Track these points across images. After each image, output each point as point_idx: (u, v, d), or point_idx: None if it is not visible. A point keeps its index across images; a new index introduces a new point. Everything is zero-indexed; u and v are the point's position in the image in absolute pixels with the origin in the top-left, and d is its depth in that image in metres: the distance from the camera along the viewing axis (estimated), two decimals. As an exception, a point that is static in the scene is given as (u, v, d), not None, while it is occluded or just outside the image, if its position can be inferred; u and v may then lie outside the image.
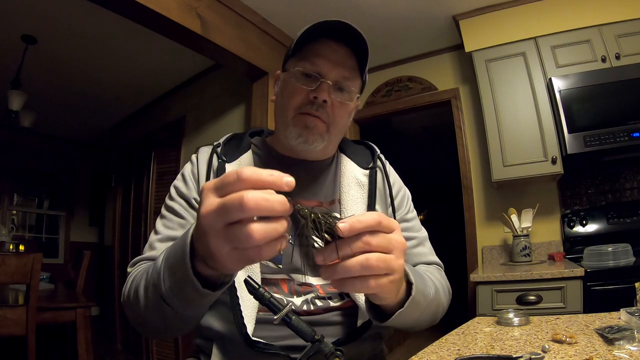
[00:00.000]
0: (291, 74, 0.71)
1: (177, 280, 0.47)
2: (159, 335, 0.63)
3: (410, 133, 4.69)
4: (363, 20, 2.43)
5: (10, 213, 4.66)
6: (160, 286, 0.50)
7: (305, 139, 0.70)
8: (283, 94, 0.73)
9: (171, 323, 0.56)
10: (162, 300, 0.50)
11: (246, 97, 2.70)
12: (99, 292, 4.42)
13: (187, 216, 0.72)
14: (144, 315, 0.57)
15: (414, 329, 0.66)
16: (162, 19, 1.86)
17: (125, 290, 0.63)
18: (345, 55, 0.70)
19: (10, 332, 1.73)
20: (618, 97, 1.89)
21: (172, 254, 0.49)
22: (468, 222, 2.56)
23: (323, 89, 0.68)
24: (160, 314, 0.53)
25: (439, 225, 4.83)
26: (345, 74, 0.70)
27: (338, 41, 0.70)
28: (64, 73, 3.18)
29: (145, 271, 0.58)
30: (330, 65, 0.69)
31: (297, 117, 0.70)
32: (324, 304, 0.69)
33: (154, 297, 0.52)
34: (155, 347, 3.10)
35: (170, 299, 0.49)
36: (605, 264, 1.68)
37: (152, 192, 3.38)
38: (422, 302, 0.57)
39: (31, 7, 2.32)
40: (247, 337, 0.62)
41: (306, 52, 0.70)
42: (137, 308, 0.58)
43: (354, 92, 0.72)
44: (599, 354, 0.51)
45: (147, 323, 0.59)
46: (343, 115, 0.72)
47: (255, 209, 0.33)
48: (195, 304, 0.49)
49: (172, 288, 0.48)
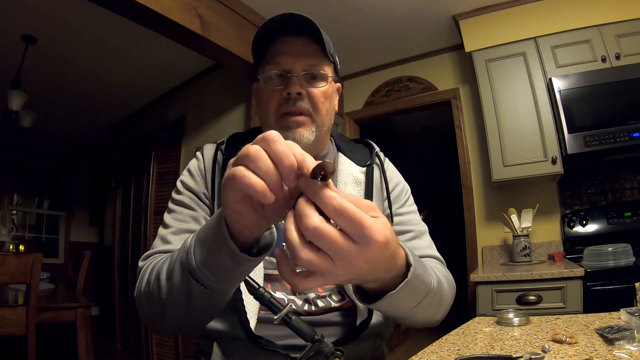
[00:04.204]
0: (263, 80, 0.72)
1: (210, 249, 0.47)
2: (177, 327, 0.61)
3: (410, 133, 4.69)
4: (363, 20, 2.43)
5: (10, 213, 4.66)
6: (189, 261, 0.49)
7: (293, 138, 0.70)
8: (261, 102, 0.75)
9: (196, 304, 0.53)
10: (190, 276, 0.49)
11: (246, 97, 2.70)
12: (99, 292, 4.42)
13: (197, 208, 0.72)
14: (165, 302, 0.55)
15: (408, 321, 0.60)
16: (162, 19, 1.86)
17: (142, 283, 0.62)
18: (306, 44, 0.71)
19: (10, 332, 1.73)
20: (618, 97, 1.89)
21: (204, 227, 0.49)
22: (468, 222, 2.56)
23: (293, 83, 0.69)
24: (186, 295, 0.52)
25: (439, 226, 4.83)
26: (311, 62, 0.71)
27: (293, 34, 0.71)
28: (64, 73, 3.18)
29: (168, 257, 0.57)
30: (293, 59, 0.70)
31: (280, 120, 0.71)
32: (325, 303, 0.69)
33: (181, 277, 0.51)
34: (155, 347, 3.10)
35: (201, 273, 0.48)
36: (605, 264, 1.68)
37: (152, 192, 3.38)
38: (421, 289, 0.52)
39: (31, 7, 2.31)
40: (250, 333, 0.62)
41: (268, 54, 0.72)
42: (156, 297, 0.56)
43: (325, 75, 0.72)
44: (599, 354, 0.51)
45: (166, 314, 0.57)
46: (322, 101, 0.72)
47: (253, 160, 0.36)
48: (229, 274, 0.48)
49: (204, 259, 0.48)
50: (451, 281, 0.71)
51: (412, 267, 0.47)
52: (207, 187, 0.74)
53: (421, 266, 0.51)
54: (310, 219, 0.34)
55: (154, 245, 0.70)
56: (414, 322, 0.62)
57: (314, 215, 0.34)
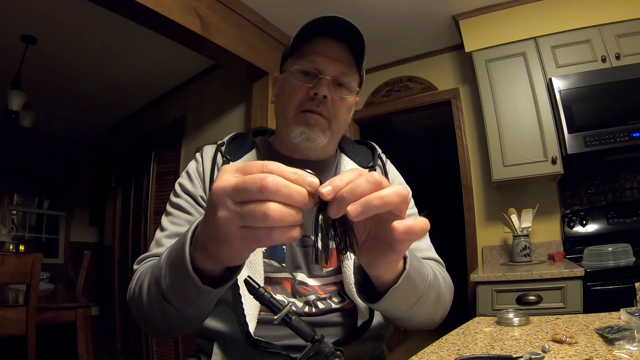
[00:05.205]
0: (290, 73, 0.71)
1: (177, 276, 0.46)
2: (162, 335, 0.62)
3: (410, 133, 4.68)
4: (363, 20, 2.43)
5: (10, 213, 4.66)
6: (161, 283, 0.49)
7: (308, 137, 0.70)
8: (283, 94, 0.74)
9: (173, 322, 0.55)
10: (163, 298, 0.50)
11: (246, 97, 2.70)
12: (99, 292, 4.42)
13: (194, 212, 0.72)
14: (147, 313, 0.56)
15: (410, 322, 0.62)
16: (162, 19, 1.86)
17: (131, 288, 0.62)
18: (343, 51, 0.71)
19: (10, 332, 1.73)
20: (618, 97, 1.89)
21: (174, 248, 0.48)
22: (468, 222, 2.56)
23: (323, 85, 0.69)
24: (162, 313, 0.53)
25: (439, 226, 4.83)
26: (343, 70, 0.71)
27: (335, 38, 0.71)
28: (64, 73, 3.18)
29: (150, 267, 0.57)
30: (328, 61, 0.70)
31: (299, 116, 0.70)
32: (325, 305, 0.69)
33: (156, 295, 0.52)
34: (155, 347, 3.10)
35: (171, 297, 0.49)
36: (605, 264, 1.68)
37: (152, 192, 3.38)
38: (419, 282, 0.54)
39: (31, 7, 2.31)
40: (248, 336, 0.62)
41: (303, 50, 0.71)
42: (141, 306, 0.57)
43: (353, 87, 0.73)
44: (599, 354, 0.51)
45: (150, 322, 0.59)
46: (343, 110, 0.73)
47: (274, 192, 0.32)
48: (195, 302, 0.48)
49: (172, 285, 0.48)
50: (449, 281, 0.71)
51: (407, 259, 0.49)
52: (204, 190, 0.73)
53: (416, 259, 0.54)
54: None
55: (150, 248, 0.71)
56: (415, 322, 0.63)
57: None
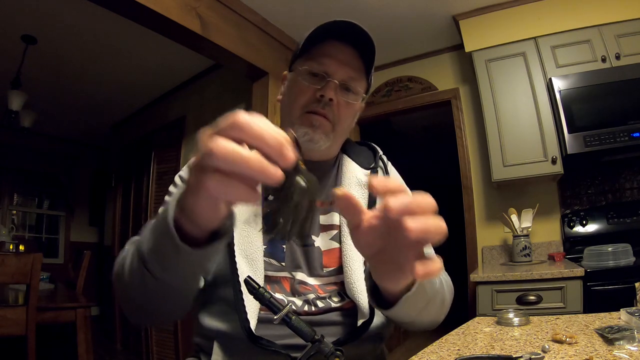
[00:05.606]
0: (298, 73, 0.72)
1: (157, 236, 0.44)
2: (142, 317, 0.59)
3: (410, 133, 4.68)
4: (363, 20, 2.40)
5: (10, 213, 4.66)
6: (142, 248, 0.47)
7: (311, 138, 0.70)
8: (290, 93, 0.74)
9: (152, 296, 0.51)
10: (143, 265, 0.47)
11: (246, 97, 2.70)
12: (99, 292, 4.42)
13: None
14: (129, 286, 0.54)
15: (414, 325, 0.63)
16: (162, 19, 1.86)
17: (116, 263, 0.60)
18: (352, 56, 0.72)
19: (10, 332, 1.73)
20: (618, 97, 1.89)
21: (160, 212, 0.47)
22: (468, 222, 2.56)
23: (330, 87, 0.69)
24: (142, 283, 0.49)
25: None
26: (352, 74, 0.71)
27: (345, 42, 0.71)
28: (64, 73, 3.18)
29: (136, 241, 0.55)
30: (337, 65, 0.70)
31: (304, 116, 0.71)
32: (325, 304, 0.69)
33: (137, 263, 0.49)
34: (155, 347, 3.10)
35: (150, 260, 0.46)
36: (605, 264, 1.68)
37: (152, 192, 3.38)
38: (428, 288, 0.54)
39: (31, 7, 2.32)
40: (250, 334, 0.62)
41: (314, 52, 0.71)
42: (122, 279, 0.55)
43: (359, 93, 0.73)
44: (599, 354, 0.51)
45: (130, 299, 0.56)
46: (348, 115, 0.74)
47: (246, 128, 0.32)
48: (174, 265, 0.45)
49: (152, 247, 0.45)
50: (449, 284, 0.72)
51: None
52: None
53: None
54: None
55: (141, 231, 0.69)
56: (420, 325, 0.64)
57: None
